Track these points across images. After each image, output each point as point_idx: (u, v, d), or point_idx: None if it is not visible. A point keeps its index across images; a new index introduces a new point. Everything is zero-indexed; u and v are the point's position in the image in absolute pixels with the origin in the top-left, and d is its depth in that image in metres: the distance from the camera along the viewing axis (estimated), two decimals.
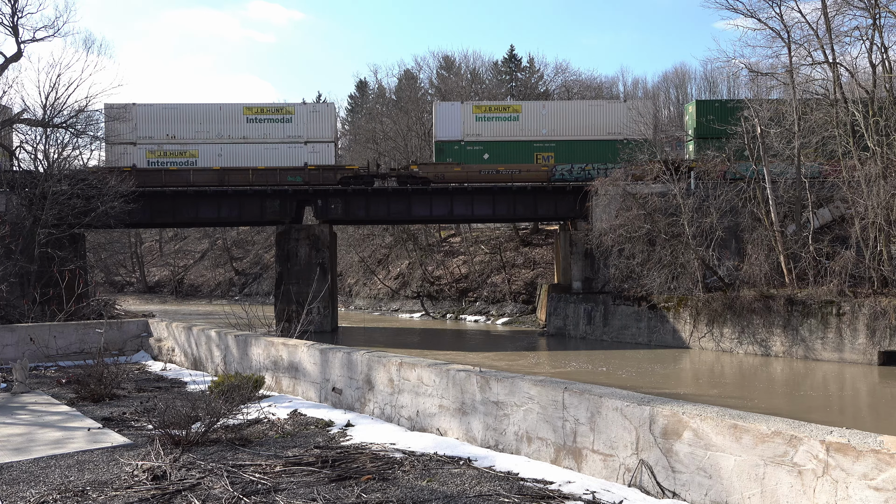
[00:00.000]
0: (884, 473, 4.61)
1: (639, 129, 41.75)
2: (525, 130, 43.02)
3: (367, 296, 64.54)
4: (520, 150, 42.86)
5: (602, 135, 42.75)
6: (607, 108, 44.12)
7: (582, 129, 42.98)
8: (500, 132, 42.97)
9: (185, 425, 8.08)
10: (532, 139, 42.94)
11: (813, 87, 33.71)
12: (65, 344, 16.44)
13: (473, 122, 42.89)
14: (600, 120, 43.05)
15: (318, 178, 42.07)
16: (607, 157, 41.92)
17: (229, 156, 42.06)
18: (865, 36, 30.74)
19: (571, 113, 43.70)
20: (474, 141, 42.71)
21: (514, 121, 43.07)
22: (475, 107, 43.70)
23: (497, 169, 42.13)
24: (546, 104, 45.74)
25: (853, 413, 20.33)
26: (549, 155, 42.74)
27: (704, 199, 34.54)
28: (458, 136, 42.82)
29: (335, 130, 44.69)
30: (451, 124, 42.94)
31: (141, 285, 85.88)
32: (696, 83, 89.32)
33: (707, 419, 5.70)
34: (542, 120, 43.14)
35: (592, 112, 43.66)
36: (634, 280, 35.56)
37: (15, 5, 33.99)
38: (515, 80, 78.98)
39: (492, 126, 43.00)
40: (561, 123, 43.04)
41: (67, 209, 32.83)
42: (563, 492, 6.19)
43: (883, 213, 28.26)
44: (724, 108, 41.95)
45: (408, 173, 42.75)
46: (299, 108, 43.51)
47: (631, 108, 43.21)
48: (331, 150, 43.23)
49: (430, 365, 8.75)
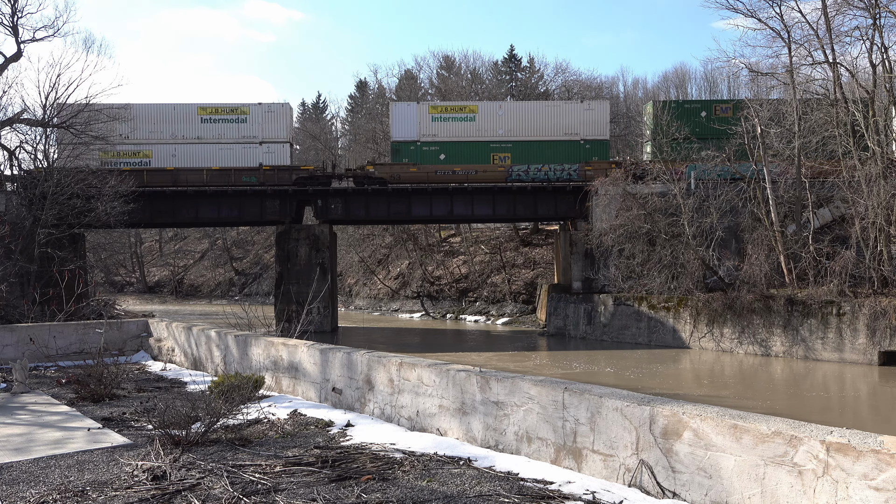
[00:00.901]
0: (884, 473, 4.61)
1: (597, 130, 41.67)
2: (481, 131, 42.82)
3: (367, 296, 64.55)
4: (476, 151, 42.65)
5: (559, 135, 42.67)
6: (564, 108, 44.00)
7: (539, 130, 42.86)
8: (457, 132, 42.78)
9: (185, 425, 8.08)
10: (489, 140, 42.75)
11: (813, 87, 33.72)
12: (65, 344, 16.44)
13: (429, 122, 42.71)
14: (558, 120, 42.95)
15: (273, 178, 41.83)
16: (565, 158, 42.00)
17: (183, 156, 41.60)
18: (865, 36, 30.76)
19: (528, 113, 43.54)
20: (430, 141, 42.55)
21: (470, 121, 42.88)
22: (431, 107, 43.53)
23: (453, 169, 42.00)
24: (503, 104, 45.51)
25: (853, 413, 20.33)
26: (506, 155, 42.60)
27: (704, 199, 34.55)
28: (415, 136, 42.65)
29: (291, 131, 44.34)
30: (407, 125, 42.78)
31: (141, 285, 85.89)
32: (697, 83, 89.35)
33: (707, 419, 5.70)
34: (498, 120, 42.95)
35: (550, 112, 43.55)
36: (634, 280, 35.57)
37: (15, 5, 34.00)
38: (515, 80, 78.96)
39: (448, 126, 42.81)
40: (518, 124, 42.90)
41: (67, 209, 32.83)
42: (563, 492, 6.19)
43: (883, 213, 28.25)
44: (681, 108, 42.13)
45: (364, 174, 42.60)
46: (254, 109, 43.01)
47: (588, 108, 43.23)
48: (286, 151, 42.94)
49: (430, 365, 8.75)
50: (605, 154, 43.03)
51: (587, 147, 42.51)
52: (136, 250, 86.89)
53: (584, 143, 42.47)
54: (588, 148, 42.53)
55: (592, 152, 42.53)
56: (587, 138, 42.59)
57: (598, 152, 42.68)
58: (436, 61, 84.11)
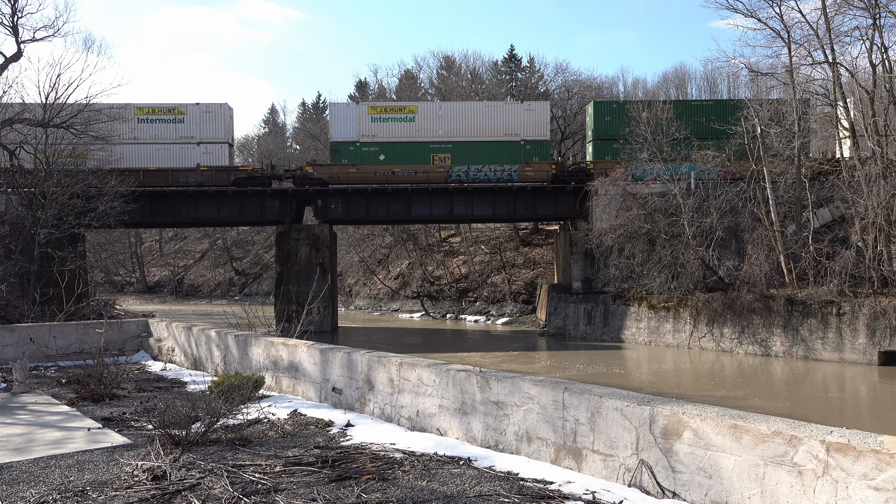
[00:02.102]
0: (884, 473, 4.61)
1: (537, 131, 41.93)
2: (421, 131, 42.78)
3: (367, 296, 64.55)
4: (416, 151, 42.64)
5: (500, 136, 42.70)
6: (505, 109, 44.01)
7: (479, 131, 42.88)
8: (396, 133, 42.74)
9: (185, 425, 8.08)
10: (428, 140, 42.71)
11: (813, 87, 33.73)
12: (65, 344, 16.43)
13: (369, 122, 42.64)
14: (498, 121, 42.94)
15: (212, 179, 41.62)
16: (505, 159, 42.07)
17: (120, 156, 40.72)
18: (865, 36, 30.77)
19: (468, 114, 43.51)
20: (370, 142, 42.50)
21: (409, 122, 42.86)
22: (370, 107, 43.43)
23: (392, 170, 42.01)
24: (442, 105, 45.43)
25: (853, 413, 20.33)
26: (446, 156, 42.59)
27: (704, 199, 34.55)
28: (354, 136, 42.59)
29: (230, 131, 44.02)
30: (347, 125, 42.68)
31: (141, 285, 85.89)
32: (696, 83, 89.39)
33: (707, 419, 5.70)
34: (438, 121, 42.92)
35: (490, 113, 43.52)
36: (634, 280, 35.58)
37: (15, 5, 33.98)
38: (515, 80, 78.95)
39: (388, 127, 42.76)
40: (458, 124, 42.88)
41: (67, 209, 32.82)
42: (563, 492, 6.19)
43: (883, 213, 28.26)
44: (621, 109, 42.34)
45: (303, 174, 42.56)
46: (192, 109, 42.63)
47: (529, 109, 43.35)
48: (224, 151, 42.69)
49: (430, 365, 8.75)
50: (545, 155, 43.18)
51: (528, 148, 42.61)
52: (136, 250, 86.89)
53: (524, 143, 42.58)
54: (528, 148, 42.62)
55: (533, 153, 42.62)
56: (527, 139, 42.67)
57: (539, 153, 42.79)
58: (436, 61, 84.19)
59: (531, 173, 41.61)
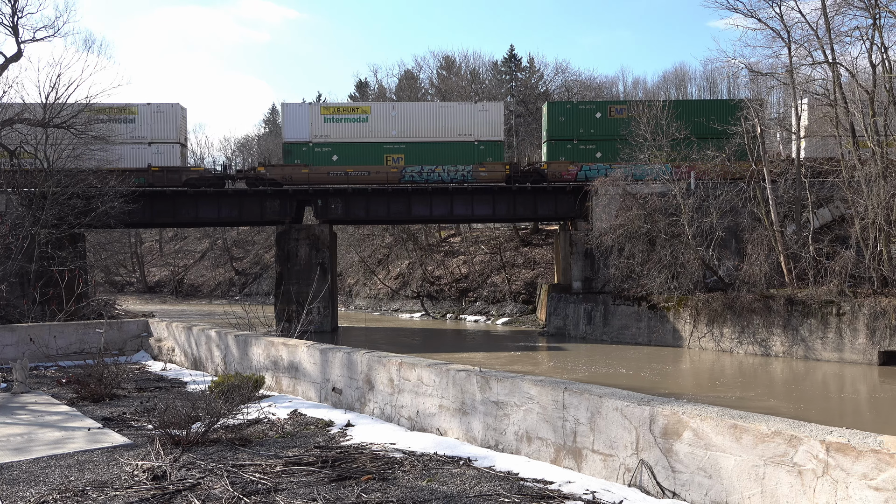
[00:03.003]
0: (884, 473, 4.61)
1: (491, 131, 42.16)
2: (374, 132, 42.76)
3: (367, 296, 64.55)
4: (369, 152, 42.62)
5: (453, 136, 42.74)
6: (458, 109, 44.01)
7: (433, 131, 42.88)
8: (349, 133, 42.71)
9: (185, 425, 8.08)
10: (382, 140, 42.70)
11: (813, 87, 33.73)
12: (65, 344, 16.43)
13: (322, 123, 42.60)
14: (452, 121, 43.00)
15: (163, 179, 41.41)
16: (459, 159, 42.14)
17: None
18: (865, 36, 30.78)
19: (422, 114, 43.55)
20: (323, 142, 42.45)
21: (363, 122, 42.85)
22: (323, 108, 43.43)
23: (345, 170, 41.97)
24: (396, 105, 45.44)
25: (853, 413, 20.34)
26: (400, 156, 42.61)
27: (704, 198, 34.56)
28: (307, 137, 42.54)
29: (182, 132, 43.75)
30: (299, 125, 42.63)
31: (141, 285, 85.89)
32: (696, 83, 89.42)
33: (707, 419, 5.70)
34: (391, 121, 42.93)
35: (443, 113, 43.56)
36: (634, 280, 35.58)
37: (15, 5, 34.00)
38: (515, 80, 79.02)
39: (340, 127, 42.71)
40: (411, 125, 42.89)
41: (67, 209, 32.84)
42: (563, 492, 6.19)
43: (883, 213, 28.26)
44: (575, 109, 42.52)
45: (255, 175, 42.51)
46: (143, 109, 42.28)
47: (482, 109, 43.42)
48: (176, 152, 42.46)
49: (430, 365, 8.75)
50: (499, 155, 43.28)
51: (481, 148, 42.70)
52: (136, 250, 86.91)
53: (478, 144, 42.67)
54: (482, 149, 42.70)
55: (487, 153, 42.70)
56: (481, 139, 42.75)
57: (493, 153, 42.88)
58: (436, 61, 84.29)
59: (485, 174, 41.70)
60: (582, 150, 41.64)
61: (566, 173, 41.26)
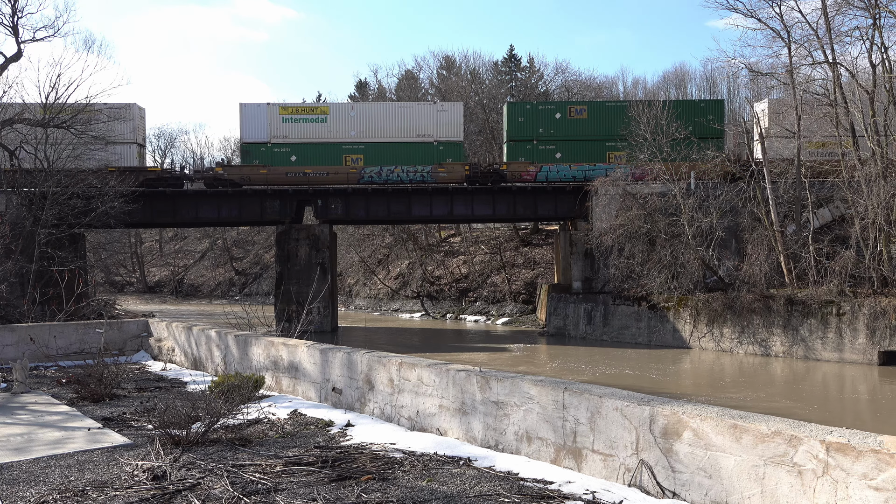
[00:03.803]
0: (884, 473, 4.61)
1: (451, 132, 42.27)
2: (333, 132, 42.59)
3: (367, 296, 64.56)
4: (328, 152, 42.42)
5: (413, 137, 42.67)
6: (418, 109, 43.95)
7: (392, 131, 42.78)
8: (308, 133, 42.52)
9: (185, 425, 8.08)
10: (340, 141, 42.54)
11: (813, 87, 33.73)
12: (65, 344, 16.44)
13: (280, 123, 42.40)
14: (411, 122, 42.91)
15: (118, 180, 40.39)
16: (419, 160, 42.15)
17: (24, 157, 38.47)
18: (865, 36, 30.78)
19: (381, 115, 43.44)
20: (281, 143, 42.27)
21: (321, 122, 42.68)
22: (282, 108, 43.10)
23: (304, 171, 41.81)
24: (355, 105, 45.20)
25: (853, 413, 20.34)
26: (359, 157, 42.45)
27: (704, 198, 34.56)
28: (265, 137, 42.36)
29: (140, 132, 43.28)
30: (257, 126, 42.43)
31: (141, 285, 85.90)
32: (696, 83, 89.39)
33: (707, 419, 5.70)
34: (350, 121, 42.80)
35: (402, 114, 43.46)
36: (634, 280, 35.57)
37: (15, 5, 34.03)
38: (515, 80, 79.04)
39: (299, 127, 42.53)
40: (370, 125, 42.77)
41: (67, 209, 32.85)
42: (563, 492, 6.19)
43: (883, 213, 28.27)
44: (534, 110, 42.66)
45: (213, 175, 42.30)
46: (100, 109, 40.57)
47: (442, 110, 43.45)
48: (133, 152, 42.02)
49: (430, 365, 8.75)
50: (459, 155, 43.23)
51: (441, 148, 42.65)
52: (136, 250, 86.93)
53: (437, 144, 42.62)
54: (442, 149, 42.66)
55: (446, 153, 42.65)
56: (440, 140, 42.70)
57: (452, 153, 42.82)
58: (436, 61, 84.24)
59: (444, 174, 41.65)
60: (542, 150, 41.79)
61: (525, 174, 41.33)
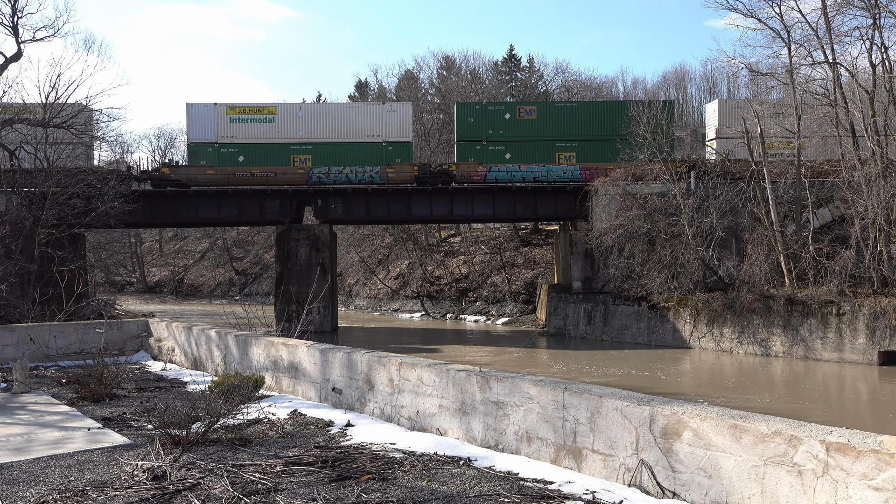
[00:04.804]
0: (884, 473, 4.61)
1: (399, 132, 42.47)
2: (281, 132, 42.52)
3: (367, 296, 64.55)
4: (276, 153, 42.32)
5: (361, 137, 42.69)
6: (366, 110, 44.00)
7: (341, 132, 42.76)
8: (256, 134, 42.44)
9: (185, 425, 8.08)
10: (289, 141, 42.47)
11: (813, 87, 33.74)
12: (65, 344, 16.44)
13: (227, 123, 42.30)
14: (359, 122, 42.91)
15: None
16: (367, 160, 42.14)
17: None
18: (865, 36, 30.77)
19: (329, 115, 43.41)
20: (229, 143, 42.16)
21: (269, 122, 42.59)
22: (229, 108, 42.95)
23: (252, 171, 41.66)
24: (303, 106, 44.96)
25: (853, 413, 20.33)
26: (307, 157, 42.37)
27: (704, 199, 34.56)
28: (212, 137, 42.25)
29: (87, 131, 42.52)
30: (204, 126, 42.29)
31: (141, 285, 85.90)
32: (696, 83, 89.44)
33: (707, 419, 5.70)
34: (298, 122, 42.70)
35: (351, 114, 43.48)
36: (634, 280, 35.57)
37: (15, 5, 34.04)
38: (515, 80, 79.07)
39: (247, 128, 42.44)
40: (319, 125, 42.71)
41: (67, 209, 32.86)
42: (563, 492, 6.19)
43: (883, 213, 28.26)
44: (484, 110, 42.78)
45: (160, 176, 42.09)
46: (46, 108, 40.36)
47: (390, 110, 43.51)
48: (79, 152, 41.32)
49: (430, 365, 8.75)
50: (408, 156, 43.29)
51: (389, 149, 42.70)
52: (136, 250, 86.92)
53: (386, 144, 42.70)
54: (390, 150, 42.70)
55: (395, 154, 42.69)
56: (389, 140, 42.75)
57: (401, 154, 42.89)
58: (436, 61, 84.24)
59: (393, 175, 41.65)
60: (491, 150, 41.98)
61: (475, 174, 41.38)
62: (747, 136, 34.29)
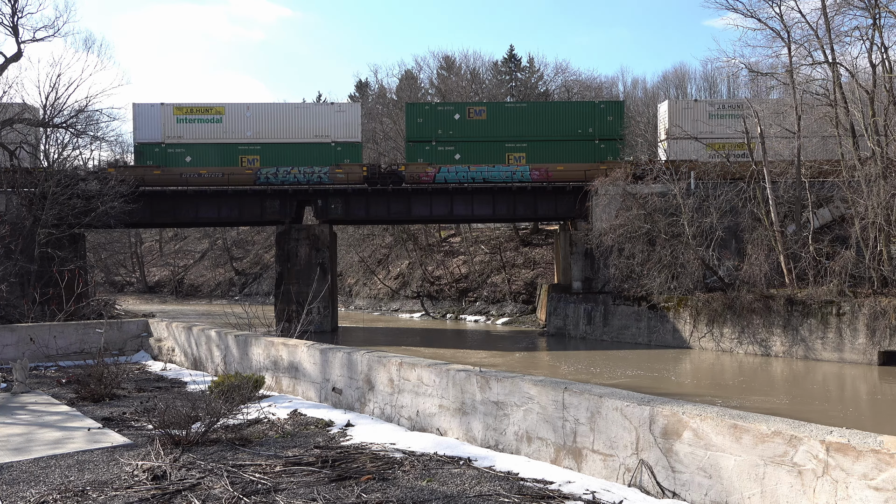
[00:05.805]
0: (884, 473, 4.61)
1: (348, 132, 42.67)
2: (229, 132, 42.48)
3: (367, 296, 64.56)
4: (224, 153, 42.29)
5: (310, 137, 42.74)
6: (315, 110, 44.05)
7: (289, 132, 42.77)
8: (203, 134, 42.37)
9: (185, 425, 8.08)
10: (237, 142, 42.49)
11: (813, 87, 33.75)
12: (65, 344, 16.43)
13: (174, 123, 42.20)
14: (308, 123, 42.93)
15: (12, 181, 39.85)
16: (316, 160, 42.17)
17: None
18: (865, 36, 30.78)
19: (278, 115, 43.37)
20: (176, 143, 42.04)
21: (217, 123, 42.56)
22: (176, 108, 42.85)
23: (199, 172, 41.60)
24: (251, 106, 44.90)
25: (853, 413, 20.33)
26: (255, 158, 42.38)
27: (704, 199, 34.57)
28: (159, 138, 42.10)
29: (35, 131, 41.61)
30: (151, 126, 42.12)
31: (141, 285, 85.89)
32: (696, 83, 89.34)
33: (707, 419, 5.70)
34: (246, 122, 42.69)
35: (299, 114, 43.45)
36: (634, 280, 35.57)
37: (15, 5, 34.05)
38: (515, 80, 79.04)
39: (194, 128, 42.35)
40: (267, 126, 42.69)
41: (67, 209, 32.86)
42: (563, 492, 6.19)
43: (883, 213, 28.26)
44: (433, 111, 42.92)
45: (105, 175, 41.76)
46: None
47: (339, 110, 43.68)
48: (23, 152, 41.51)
49: (430, 365, 8.75)
50: (356, 156, 43.34)
51: (338, 149, 42.77)
52: (136, 250, 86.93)
53: (335, 145, 42.77)
54: (339, 150, 42.77)
55: (344, 154, 42.77)
56: (338, 140, 42.84)
57: (350, 154, 42.96)
58: (436, 61, 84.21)
59: (342, 175, 41.68)
60: (441, 151, 42.13)
61: (424, 175, 41.46)
62: (747, 136, 34.29)
